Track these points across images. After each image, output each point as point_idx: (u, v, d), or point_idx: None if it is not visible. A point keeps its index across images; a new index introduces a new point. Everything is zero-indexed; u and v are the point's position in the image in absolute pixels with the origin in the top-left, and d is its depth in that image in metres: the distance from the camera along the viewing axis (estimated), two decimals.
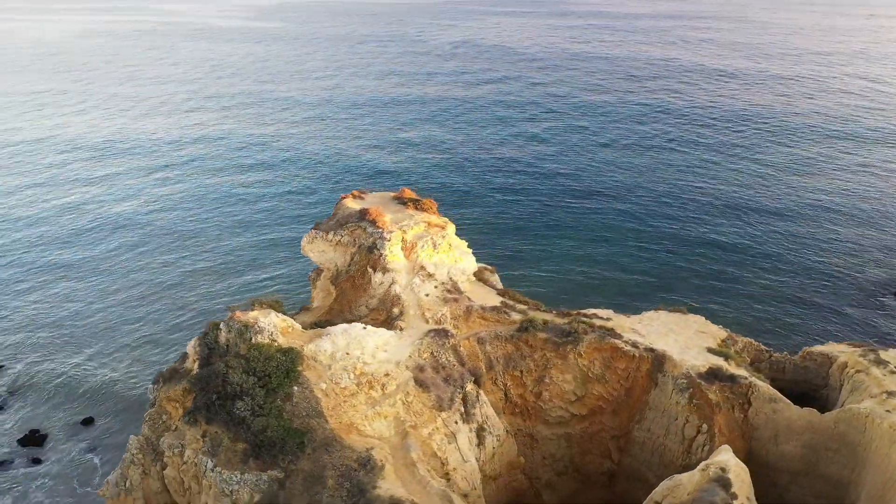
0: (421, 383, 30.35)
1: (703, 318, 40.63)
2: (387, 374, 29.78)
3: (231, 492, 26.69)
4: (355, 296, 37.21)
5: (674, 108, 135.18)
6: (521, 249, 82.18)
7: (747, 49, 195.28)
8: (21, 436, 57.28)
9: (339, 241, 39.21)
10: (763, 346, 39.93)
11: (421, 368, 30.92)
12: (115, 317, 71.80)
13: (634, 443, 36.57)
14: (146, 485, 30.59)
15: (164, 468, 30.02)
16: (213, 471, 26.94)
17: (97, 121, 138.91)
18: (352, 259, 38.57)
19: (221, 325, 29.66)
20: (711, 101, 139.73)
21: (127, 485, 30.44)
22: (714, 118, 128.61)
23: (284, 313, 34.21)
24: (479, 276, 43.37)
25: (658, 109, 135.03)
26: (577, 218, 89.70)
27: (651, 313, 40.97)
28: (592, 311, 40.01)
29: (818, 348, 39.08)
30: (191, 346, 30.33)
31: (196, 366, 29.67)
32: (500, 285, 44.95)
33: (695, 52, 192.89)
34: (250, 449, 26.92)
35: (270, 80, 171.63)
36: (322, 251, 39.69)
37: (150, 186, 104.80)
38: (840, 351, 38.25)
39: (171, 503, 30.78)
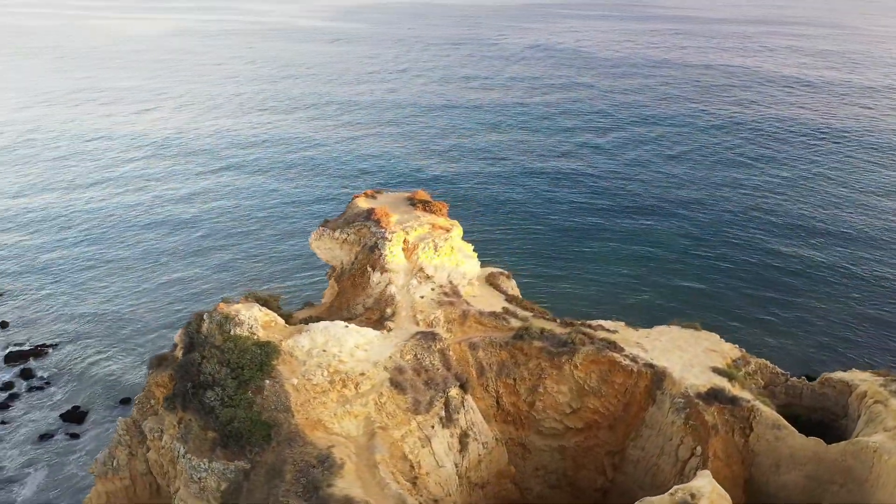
0: (397, 385, 30.17)
1: (717, 336, 38.86)
2: (362, 374, 29.79)
3: (199, 479, 27.32)
4: (354, 294, 37.40)
5: (749, 121, 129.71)
6: (570, 255, 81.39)
7: (835, 57, 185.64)
8: (64, 411, 60.56)
9: (346, 239, 39.52)
10: (779, 370, 37.80)
11: (400, 370, 30.75)
12: (162, 303, 74.92)
13: (629, 460, 35.31)
14: (133, 465, 31.69)
15: (148, 450, 31.04)
16: (183, 457, 27.66)
17: (164, 117, 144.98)
18: (356, 257, 38.81)
19: (205, 316, 30.43)
20: (788, 114, 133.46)
21: (114, 464, 31.62)
22: (791, 131, 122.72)
23: (279, 308, 34.77)
24: (490, 281, 42.83)
25: (732, 121, 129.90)
26: (636, 228, 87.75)
27: (662, 328, 39.46)
28: (598, 322, 38.87)
29: (838, 375, 36.70)
30: (178, 336, 31.26)
31: (181, 354, 30.53)
32: (513, 291, 44.21)
33: (777, 60, 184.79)
34: (219, 438, 27.47)
35: (339, 81, 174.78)
36: (329, 248, 40.11)
37: (211, 183, 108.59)
38: (861, 379, 35.78)
39: (155, 484, 31.79)
